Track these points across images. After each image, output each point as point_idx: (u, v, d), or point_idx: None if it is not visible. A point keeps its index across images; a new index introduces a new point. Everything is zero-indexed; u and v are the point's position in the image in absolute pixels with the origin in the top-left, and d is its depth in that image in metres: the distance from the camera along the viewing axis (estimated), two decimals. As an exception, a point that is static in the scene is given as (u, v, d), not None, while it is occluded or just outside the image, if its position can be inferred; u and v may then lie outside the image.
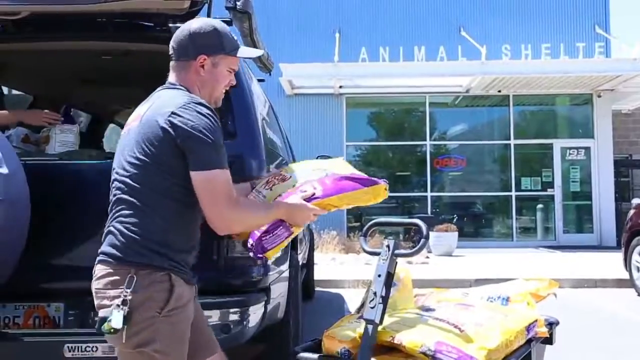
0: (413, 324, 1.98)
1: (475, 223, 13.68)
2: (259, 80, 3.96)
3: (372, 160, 14.03)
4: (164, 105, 1.83)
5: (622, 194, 13.92)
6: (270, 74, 4.45)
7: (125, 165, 1.81)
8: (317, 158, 5.96)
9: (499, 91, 13.03)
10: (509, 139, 13.30)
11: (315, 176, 2.12)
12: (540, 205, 13.23)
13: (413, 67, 12.45)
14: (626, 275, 7.24)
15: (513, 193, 13.16)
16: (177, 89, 1.92)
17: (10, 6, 2.52)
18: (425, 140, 13.41)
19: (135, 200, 1.78)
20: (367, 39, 13.12)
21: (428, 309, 2.14)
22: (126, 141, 1.86)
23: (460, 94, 13.30)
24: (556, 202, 13.07)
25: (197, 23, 1.95)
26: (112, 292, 1.72)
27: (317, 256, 8.70)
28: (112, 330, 1.66)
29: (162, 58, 3.12)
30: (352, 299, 6.67)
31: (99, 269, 1.80)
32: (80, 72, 3.83)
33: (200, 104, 1.82)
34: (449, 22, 13.24)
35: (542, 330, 2.19)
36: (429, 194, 13.29)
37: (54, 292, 2.58)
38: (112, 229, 1.81)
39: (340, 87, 12.84)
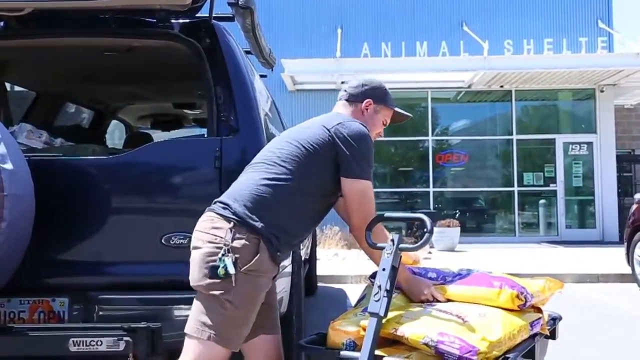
0: (416, 316, 1.99)
1: (477, 218, 13.68)
2: (261, 76, 3.96)
3: (374, 156, 14.00)
4: (333, 118, 2.23)
5: (625, 189, 13.91)
6: (272, 70, 4.45)
7: (286, 147, 2.13)
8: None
9: (501, 86, 13.01)
10: (512, 134, 13.29)
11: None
12: (542, 201, 13.23)
13: (415, 62, 12.44)
14: (628, 270, 7.25)
15: (515, 188, 13.16)
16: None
17: (13, 3, 2.53)
18: (427, 135, 13.40)
19: (272, 172, 2.08)
20: (369, 35, 13.11)
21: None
22: (295, 134, 2.18)
23: (462, 89, 13.28)
24: (558, 197, 13.06)
25: (369, 78, 2.48)
26: (210, 237, 1.99)
27: (320, 251, 8.72)
28: (224, 275, 1.91)
29: (164, 54, 3.15)
30: (355, 294, 6.68)
31: (207, 214, 2.06)
32: (82, 68, 3.84)
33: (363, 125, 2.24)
34: (451, 17, 13.22)
35: (545, 328, 2.20)
36: (431, 189, 13.29)
37: (59, 287, 2.60)
38: (241, 189, 2.08)
39: (342, 82, 12.79)
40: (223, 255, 1.93)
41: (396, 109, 2.49)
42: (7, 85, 4.18)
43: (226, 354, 1.99)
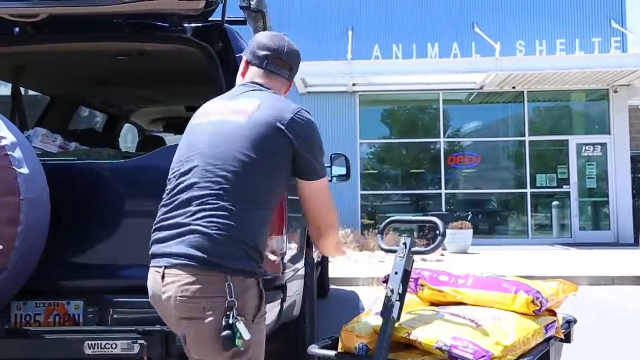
0: (429, 320, 1.99)
1: (490, 220, 13.61)
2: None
3: (385, 158, 14.01)
4: (280, 108, 1.82)
5: (639, 190, 13.77)
6: (284, 73, 4.45)
7: (229, 160, 1.72)
8: (330, 156, 5.99)
9: (513, 87, 12.94)
10: (524, 136, 13.20)
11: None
12: (555, 202, 13.13)
13: (426, 64, 12.40)
14: (644, 272, 7.17)
15: (528, 190, 13.07)
16: (276, 93, 1.93)
17: (28, 9, 2.55)
18: (439, 137, 13.36)
19: (232, 199, 1.69)
20: (380, 36, 13.10)
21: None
22: (230, 134, 1.76)
23: (474, 91, 13.22)
24: (572, 198, 12.96)
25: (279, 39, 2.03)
26: (207, 301, 1.64)
27: (332, 254, 8.68)
28: (242, 343, 1.62)
29: (176, 57, 3.17)
30: (367, 296, 6.67)
31: (182, 274, 1.65)
32: (96, 72, 3.88)
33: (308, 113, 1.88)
34: (463, 19, 13.17)
35: (560, 331, 2.19)
36: (443, 191, 13.24)
37: (74, 290, 2.62)
38: (199, 228, 1.67)
39: (354, 84, 12.83)
40: (234, 320, 1.62)
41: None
42: (22, 90, 4.22)
43: None
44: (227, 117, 1.80)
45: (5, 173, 2.13)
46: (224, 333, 1.61)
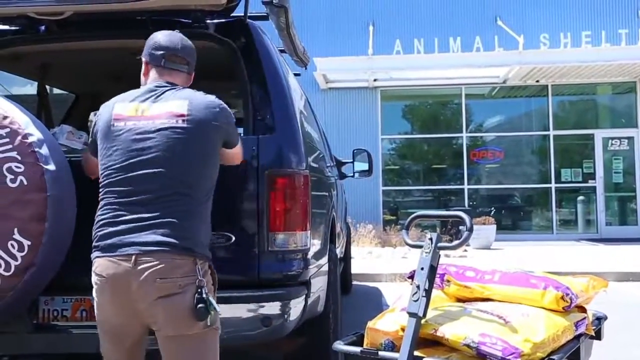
0: (456, 317, 1.96)
1: (513, 216, 13.45)
2: (295, 75, 3.96)
3: (407, 154, 13.93)
4: (209, 105, 2.09)
5: (668, 184, 13.49)
6: (306, 68, 4.44)
7: (174, 160, 1.99)
8: (353, 152, 5.96)
9: (537, 81, 12.75)
10: (548, 130, 13.02)
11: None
12: (581, 197, 12.92)
13: (448, 58, 12.28)
14: (673, 269, 7.02)
15: (553, 185, 12.88)
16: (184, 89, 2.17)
17: (54, 7, 2.58)
18: (461, 132, 13.24)
19: (191, 194, 1.99)
20: (401, 31, 13.00)
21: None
22: (171, 137, 1.99)
23: (497, 85, 13.07)
24: (598, 193, 12.74)
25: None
26: (183, 280, 1.91)
27: (354, 250, 8.69)
28: (214, 313, 1.93)
29: (199, 54, 3.17)
30: (389, 292, 6.64)
31: (159, 259, 1.90)
32: (120, 70, 3.90)
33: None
34: (485, 12, 13.00)
35: (590, 328, 2.14)
36: (465, 186, 13.13)
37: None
38: (168, 220, 1.94)
39: (375, 80, 12.76)
40: (206, 296, 1.90)
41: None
42: (48, 88, 4.27)
43: None
44: (165, 121, 2.00)
45: (32, 170, 2.15)
46: (200, 306, 1.89)
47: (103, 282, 1.95)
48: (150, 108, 2.03)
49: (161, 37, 2.18)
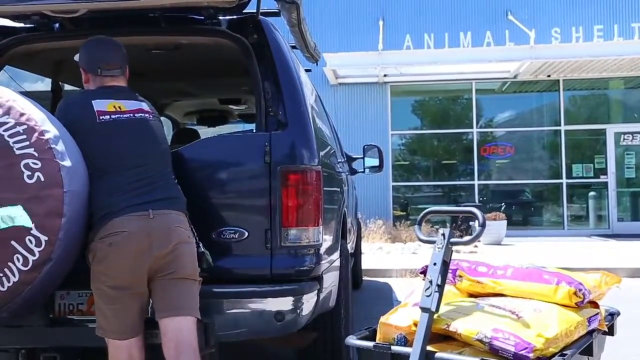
0: (469, 312, 1.97)
1: (524, 211, 13.39)
2: (306, 70, 3.97)
3: (417, 149, 13.90)
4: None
5: (681, 180, 13.37)
6: (317, 64, 4.45)
7: (159, 141, 2.48)
8: (363, 147, 5.96)
9: (549, 76, 12.67)
10: (559, 125, 12.93)
11: None
12: (592, 193, 12.84)
13: (459, 53, 12.23)
14: (686, 265, 6.97)
15: (564, 180, 12.81)
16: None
17: (68, 5, 2.60)
18: (471, 127, 13.18)
19: (168, 164, 2.48)
20: (411, 26, 12.96)
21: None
22: (152, 125, 2.49)
23: (508, 80, 12.99)
24: (610, 189, 12.65)
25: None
26: (188, 232, 2.36)
27: (364, 245, 8.70)
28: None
29: (211, 50, 3.19)
30: (400, 288, 6.65)
31: (170, 212, 2.32)
32: (132, 66, 3.91)
33: None
34: (496, 6, 12.92)
35: (603, 323, 2.14)
36: (475, 182, 13.08)
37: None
38: (166, 186, 2.40)
39: (385, 75, 12.73)
40: (204, 248, 2.42)
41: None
42: (62, 85, 4.30)
43: None
44: (144, 115, 2.46)
45: (49, 166, 2.18)
46: (207, 255, 2.42)
47: (124, 236, 2.22)
48: (126, 105, 2.44)
49: (94, 47, 2.52)
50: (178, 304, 2.26)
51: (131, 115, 2.42)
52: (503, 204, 12.84)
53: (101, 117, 2.36)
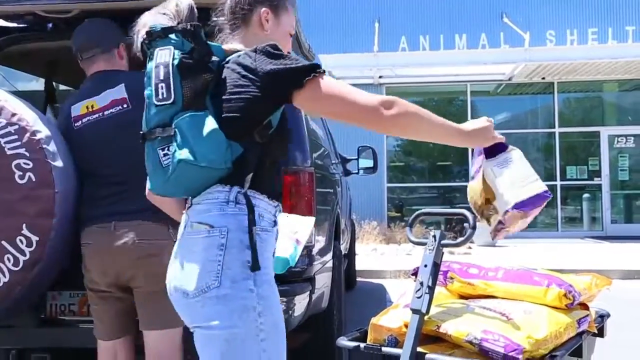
0: (459, 313, 1.97)
1: (518, 213, 13.40)
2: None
3: (412, 150, 13.92)
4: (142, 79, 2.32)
5: (674, 182, 13.44)
6: (311, 65, 4.43)
7: (132, 140, 2.21)
8: (358, 149, 5.96)
9: (543, 78, 12.72)
10: (554, 127, 12.98)
11: None
12: (586, 195, 12.89)
13: (454, 55, 12.27)
14: (679, 267, 7.00)
15: (558, 182, 12.86)
16: (119, 71, 2.44)
17: (62, 5, 2.60)
18: (466, 129, 13.20)
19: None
20: (407, 28, 12.99)
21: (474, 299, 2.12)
22: (122, 120, 2.26)
23: (502, 82, 13.04)
24: (604, 191, 12.71)
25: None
26: (159, 242, 2.18)
27: (358, 246, 8.72)
28: None
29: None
30: (394, 289, 6.66)
31: (138, 223, 2.18)
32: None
33: None
34: (491, 9, 12.97)
35: (593, 325, 2.15)
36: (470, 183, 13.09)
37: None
38: (137, 192, 2.11)
39: (380, 77, 12.75)
40: None
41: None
42: (55, 85, 4.29)
43: None
44: (114, 111, 2.25)
45: (40, 166, 2.18)
46: None
47: (89, 248, 2.22)
48: (98, 102, 2.27)
49: (74, 36, 2.41)
50: (151, 318, 2.21)
51: (100, 114, 2.27)
52: (497, 205, 12.85)
53: (76, 124, 2.31)
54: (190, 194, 1.58)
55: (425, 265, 1.96)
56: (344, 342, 2.05)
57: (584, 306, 2.15)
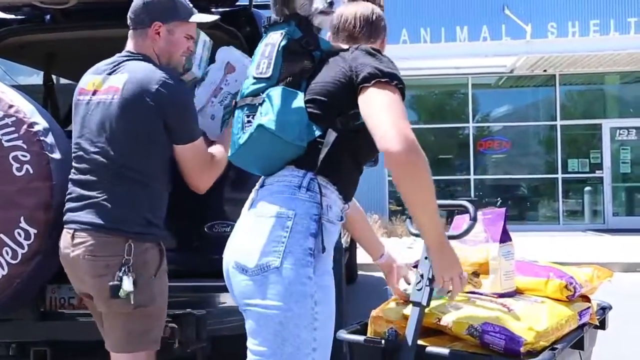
0: (460, 306, 1.96)
1: (520, 206, 13.41)
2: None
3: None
4: (144, 80, 1.96)
5: (676, 175, 13.42)
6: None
7: (109, 139, 1.97)
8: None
9: (545, 71, 12.67)
10: (555, 120, 12.95)
11: None
12: (588, 188, 12.87)
13: (455, 48, 12.21)
14: (680, 259, 6.99)
15: (559, 175, 12.83)
16: (141, 60, 2.06)
17: (59, -4, 2.59)
18: (468, 122, 13.19)
19: (120, 176, 1.97)
20: (408, 21, 12.92)
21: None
22: (104, 114, 1.98)
23: (504, 75, 12.99)
24: (605, 184, 12.68)
25: None
26: (111, 260, 1.93)
27: (359, 240, 8.70)
28: (126, 294, 1.88)
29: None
30: (395, 282, 6.64)
31: (88, 237, 1.95)
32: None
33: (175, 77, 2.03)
34: (492, 1, 12.90)
35: (594, 317, 2.14)
36: (472, 177, 13.10)
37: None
38: (99, 201, 1.96)
39: (381, 69, 12.70)
40: (122, 274, 1.96)
41: (194, 18, 2.14)
42: (54, 78, 4.28)
43: None
44: (103, 97, 2.00)
45: (38, 158, 2.17)
46: (111, 283, 1.89)
47: (60, 251, 2.07)
48: (103, 82, 2.04)
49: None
50: (109, 341, 2.05)
51: (89, 99, 2.03)
52: (499, 198, 12.87)
53: (77, 98, 2.10)
54: (262, 168, 1.64)
55: (426, 258, 1.95)
56: (344, 335, 2.04)
57: (586, 298, 2.14)
